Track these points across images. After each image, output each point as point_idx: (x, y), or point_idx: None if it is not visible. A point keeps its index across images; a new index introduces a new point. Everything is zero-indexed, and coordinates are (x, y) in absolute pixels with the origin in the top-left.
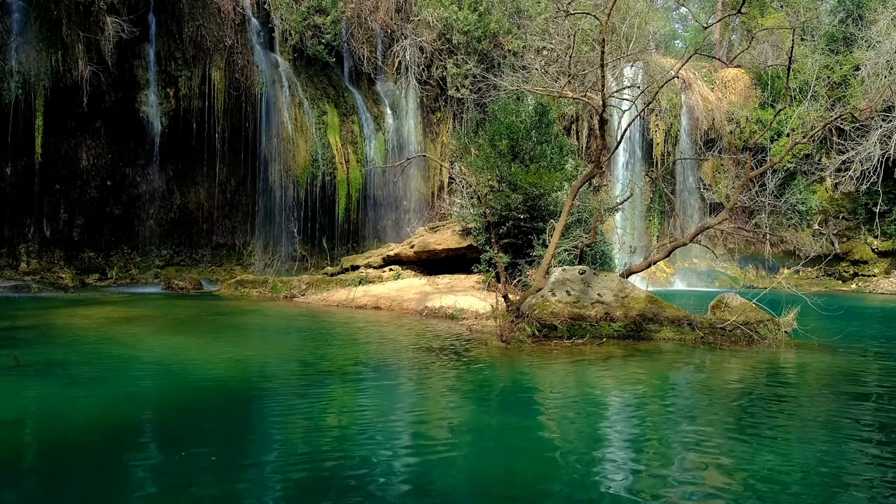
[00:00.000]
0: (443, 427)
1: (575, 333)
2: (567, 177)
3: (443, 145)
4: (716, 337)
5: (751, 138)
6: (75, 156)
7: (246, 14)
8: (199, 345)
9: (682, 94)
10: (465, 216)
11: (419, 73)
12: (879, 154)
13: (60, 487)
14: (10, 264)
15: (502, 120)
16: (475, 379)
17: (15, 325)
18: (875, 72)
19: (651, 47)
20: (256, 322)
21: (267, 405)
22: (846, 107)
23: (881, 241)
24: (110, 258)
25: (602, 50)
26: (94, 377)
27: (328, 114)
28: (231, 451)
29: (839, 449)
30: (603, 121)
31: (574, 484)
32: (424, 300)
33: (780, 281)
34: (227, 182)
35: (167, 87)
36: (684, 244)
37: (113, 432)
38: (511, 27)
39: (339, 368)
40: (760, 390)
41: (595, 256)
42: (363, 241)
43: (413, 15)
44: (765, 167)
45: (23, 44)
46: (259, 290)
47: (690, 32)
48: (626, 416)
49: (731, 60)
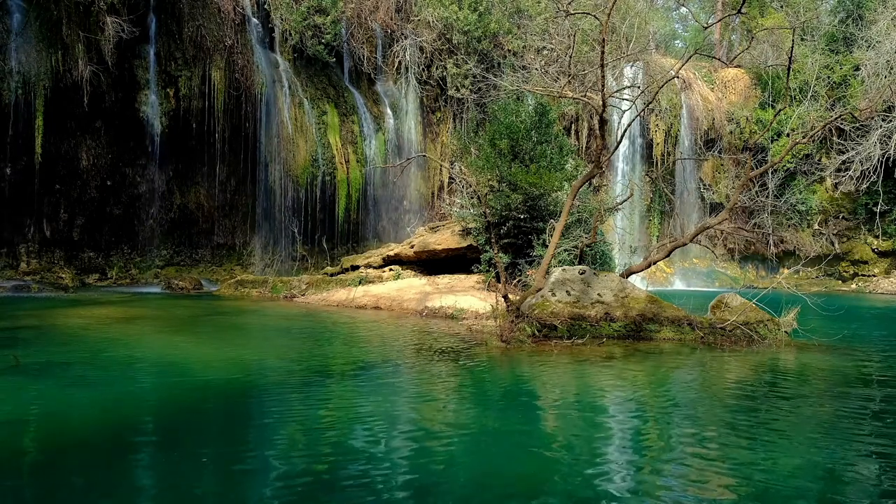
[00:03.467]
0: (443, 427)
1: (575, 333)
2: (567, 177)
3: (443, 145)
4: (716, 337)
5: (751, 138)
6: (75, 156)
7: (246, 14)
8: (199, 345)
9: (682, 94)
10: (465, 216)
11: (419, 73)
12: (879, 154)
13: (60, 487)
14: (10, 264)
15: (502, 120)
16: (475, 379)
17: (15, 325)
18: (875, 72)
19: (651, 47)
20: (256, 322)
21: (267, 405)
22: (846, 107)
23: (881, 241)
24: (110, 258)
25: (602, 50)
26: (93, 377)
27: (328, 114)
28: (231, 451)
29: (839, 449)
30: (603, 121)
31: (574, 484)
32: (424, 300)
33: (780, 281)
34: (227, 182)
35: (167, 87)
36: (684, 244)
37: (113, 432)
38: (511, 27)
39: (339, 368)
40: (760, 390)
41: (595, 256)
42: (363, 241)
43: (413, 15)
44: (765, 167)
45: (23, 44)
46: (259, 290)
47: (690, 32)
48: (626, 416)
49: (731, 60)
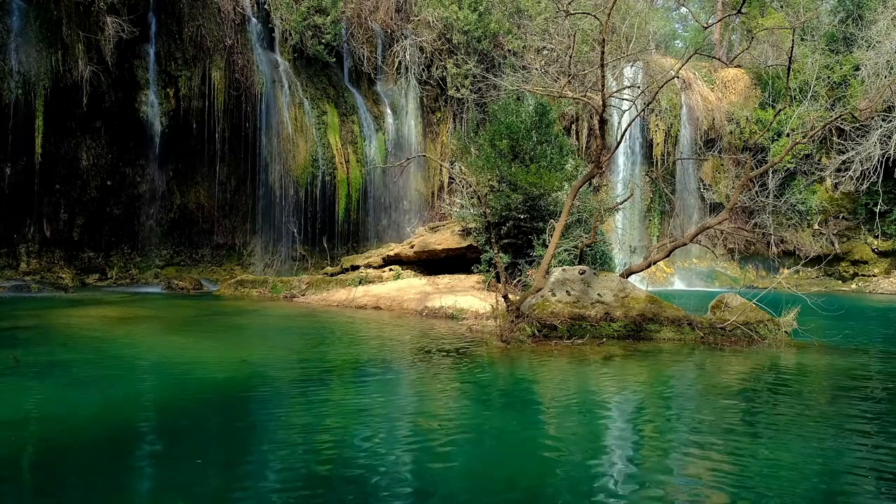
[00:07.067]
0: (443, 427)
1: (575, 333)
2: (567, 177)
3: (443, 145)
4: (716, 337)
5: (751, 138)
6: (75, 156)
7: (246, 14)
8: (199, 345)
9: (682, 94)
10: (465, 216)
11: (419, 73)
12: (879, 154)
13: (60, 487)
14: (10, 264)
15: (502, 120)
16: (475, 379)
17: (15, 325)
18: (875, 72)
19: (651, 47)
20: (256, 322)
21: (267, 405)
22: (846, 107)
23: (881, 241)
24: (110, 258)
25: (602, 50)
26: (93, 377)
27: (328, 114)
28: (231, 451)
29: (840, 448)
30: (603, 121)
31: (574, 484)
32: (424, 300)
33: (780, 281)
34: (227, 182)
35: (167, 87)
36: (684, 244)
37: (113, 432)
38: (511, 27)
39: (340, 368)
40: (761, 390)
41: (595, 256)
42: (363, 241)
43: (413, 15)
44: (765, 167)
45: (23, 44)
46: (259, 290)
47: (690, 32)
48: (626, 416)
49: (731, 60)
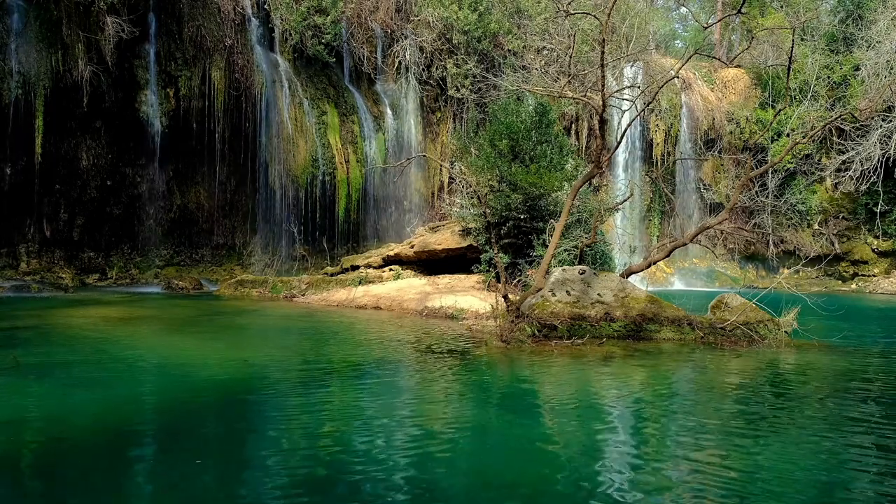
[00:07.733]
0: (443, 427)
1: (575, 333)
2: (567, 177)
3: (443, 145)
4: (716, 337)
5: (751, 138)
6: (75, 156)
7: (246, 14)
8: (199, 345)
9: (682, 94)
10: (465, 216)
11: (419, 73)
12: (879, 154)
13: (60, 487)
14: (10, 264)
15: (502, 120)
16: (475, 379)
17: (15, 325)
18: (875, 72)
19: (651, 47)
20: (256, 322)
21: (267, 405)
22: (846, 107)
23: (881, 241)
24: (110, 258)
25: (602, 50)
26: (93, 377)
27: (328, 114)
28: (231, 450)
29: (840, 448)
30: (603, 121)
31: (574, 484)
32: (424, 300)
33: (780, 281)
34: (227, 182)
35: (167, 87)
36: (684, 244)
37: (113, 432)
38: (511, 27)
39: (340, 368)
40: (761, 390)
41: (595, 256)
42: (363, 241)
43: (413, 15)
44: (765, 167)
45: (23, 44)
46: (259, 290)
47: (690, 32)
48: (626, 416)
49: (731, 60)
